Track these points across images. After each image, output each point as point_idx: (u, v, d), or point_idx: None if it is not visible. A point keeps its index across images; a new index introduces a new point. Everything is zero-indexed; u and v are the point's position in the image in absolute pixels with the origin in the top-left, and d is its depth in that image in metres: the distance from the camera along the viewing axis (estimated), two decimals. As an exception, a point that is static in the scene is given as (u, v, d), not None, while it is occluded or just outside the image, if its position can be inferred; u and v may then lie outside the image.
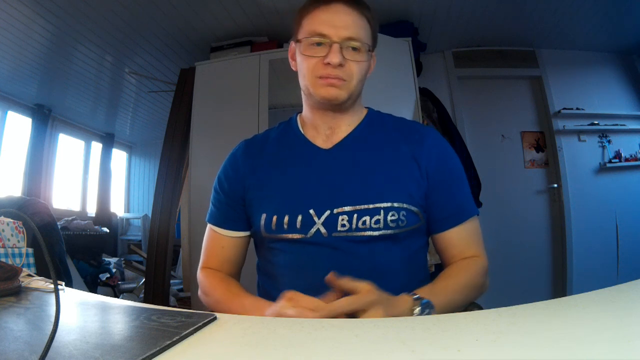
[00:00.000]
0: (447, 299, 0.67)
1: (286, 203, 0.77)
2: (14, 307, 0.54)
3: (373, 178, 0.76)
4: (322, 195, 0.76)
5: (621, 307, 0.46)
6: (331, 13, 0.76)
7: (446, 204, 0.78)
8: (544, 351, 0.35)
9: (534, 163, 3.08)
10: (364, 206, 0.74)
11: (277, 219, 0.76)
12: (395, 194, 0.74)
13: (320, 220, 0.74)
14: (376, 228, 0.73)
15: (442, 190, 0.78)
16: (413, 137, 0.81)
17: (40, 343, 0.35)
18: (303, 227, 0.75)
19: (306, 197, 0.77)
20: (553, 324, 0.42)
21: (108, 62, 3.18)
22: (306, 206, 0.76)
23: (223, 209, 0.86)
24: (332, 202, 0.75)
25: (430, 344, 0.39)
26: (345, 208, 0.74)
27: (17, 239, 1.43)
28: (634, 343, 0.35)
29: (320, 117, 0.83)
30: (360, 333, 0.43)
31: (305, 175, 0.79)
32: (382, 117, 0.88)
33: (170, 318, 0.48)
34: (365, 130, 0.83)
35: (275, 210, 0.77)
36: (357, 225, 0.73)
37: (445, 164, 0.79)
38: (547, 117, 3.06)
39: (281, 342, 0.42)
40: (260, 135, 0.91)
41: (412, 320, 0.48)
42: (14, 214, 0.35)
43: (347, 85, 0.77)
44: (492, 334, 0.40)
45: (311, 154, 0.82)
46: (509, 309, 0.47)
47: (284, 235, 0.76)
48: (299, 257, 0.76)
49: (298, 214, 0.75)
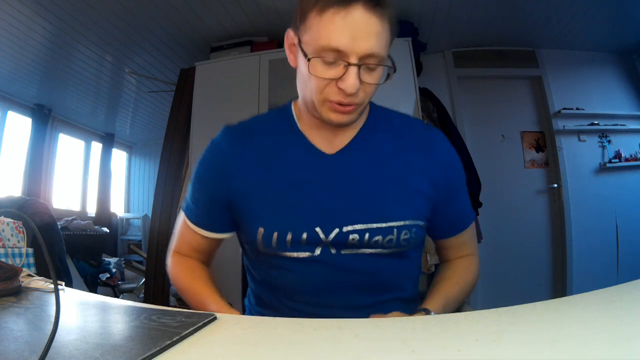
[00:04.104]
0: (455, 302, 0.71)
1: (288, 218, 0.69)
2: (14, 307, 0.54)
3: (385, 193, 0.70)
4: (330, 211, 0.69)
5: (621, 307, 0.46)
6: (349, 19, 0.59)
7: (451, 214, 0.77)
8: (544, 351, 0.35)
9: (534, 163, 3.08)
10: (376, 225, 0.68)
11: (278, 236, 0.69)
12: (407, 211, 0.70)
13: (328, 238, 0.68)
14: (388, 246, 0.69)
15: (448, 202, 0.76)
16: (422, 145, 0.75)
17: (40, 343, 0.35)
18: (308, 245, 0.69)
19: (311, 212, 0.69)
20: (553, 324, 0.42)
21: (108, 62, 3.18)
22: (312, 223, 0.68)
23: (201, 209, 0.77)
24: (341, 219, 0.68)
25: (430, 344, 0.39)
26: (356, 226, 0.68)
27: (17, 239, 1.43)
28: (634, 343, 0.35)
29: (322, 124, 0.72)
30: (360, 333, 0.43)
31: (309, 185, 0.71)
32: (386, 115, 0.79)
33: (170, 318, 0.48)
34: (370, 133, 0.75)
35: (276, 225, 0.69)
36: (369, 243, 0.68)
37: (453, 177, 0.77)
38: (547, 117, 3.06)
39: (281, 342, 0.42)
40: (248, 124, 0.78)
41: (412, 320, 0.48)
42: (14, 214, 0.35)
43: (359, 108, 0.68)
44: (492, 334, 0.40)
45: (313, 159, 0.72)
46: (509, 309, 0.47)
47: (286, 253, 0.69)
48: (304, 276, 0.70)
49: (303, 231, 0.68)
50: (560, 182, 2.94)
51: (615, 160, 2.96)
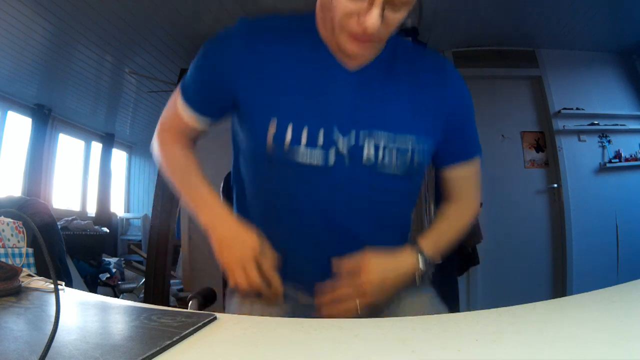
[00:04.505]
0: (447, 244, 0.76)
1: (306, 110, 0.66)
2: (14, 307, 0.54)
3: (401, 110, 0.71)
4: (348, 116, 0.67)
5: (621, 307, 0.46)
6: None
7: (459, 141, 0.78)
8: (544, 351, 0.35)
9: (534, 163, 3.08)
10: (390, 136, 0.68)
11: (293, 129, 0.65)
12: (422, 129, 0.71)
13: (345, 140, 0.66)
14: (400, 164, 0.69)
15: (459, 130, 0.77)
16: (438, 73, 0.75)
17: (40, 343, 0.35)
18: (323, 149, 0.66)
19: (330, 110, 0.66)
20: (553, 324, 0.42)
21: (108, 62, 3.19)
22: (329, 119, 0.66)
23: (199, 91, 0.74)
24: (359, 122, 0.67)
25: (430, 344, 0.39)
26: (371, 136, 0.67)
27: (17, 239, 1.43)
28: (634, 343, 0.35)
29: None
30: (360, 333, 0.43)
31: (327, 92, 0.68)
32: (404, 42, 0.78)
33: (170, 318, 0.48)
34: (391, 56, 0.73)
35: (291, 115, 0.65)
36: (383, 161, 0.68)
37: (464, 107, 0.79)
38: (547, 117, 3.06)
39: (281, 342, 0.42)
40: (266, 21, 0.74)
41: (412, 320, 0.48)
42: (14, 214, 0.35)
43: (377, 45, 0.67)
44: (492, 334, 0.40)
45: (335, 71, 0.69)
46: (509, 309, 0.47)
47: (299, 151, 0.66)
48: (314, 188, 0.68)
49: (320, 126, 0.65)
50: (560, 182, 2.94)
51: (615, 160, 2.96)
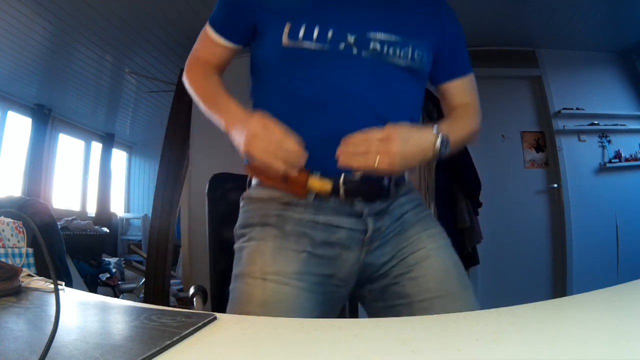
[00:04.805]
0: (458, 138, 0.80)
1: (318, 15, 0.77)
2: (14, 307, 0.54)
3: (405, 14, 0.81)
4: (355, 17, 0.77)
5: (621, 307, 0.46)
6: None
7: (454, 57, 0.88)
8: (544, 351, 0.35)
9: (534, 163, 3.08)
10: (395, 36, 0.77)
11: (306, 28, 0.75)
12: (423, 34, 0.81)
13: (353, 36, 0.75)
14: (403, 57, 0.77)
15: (453, 48, 0.87)
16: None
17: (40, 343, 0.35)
18: (333, 41, 0.75)
19: (339, 10, 0.78)
20: (553, 324, 0.42)
21: (108, 62, 3.19)
22: (339, 21, 0.76)
23: (225, 17, 0.85)
24: (366, 24, 0.77)
25: (430, 344, 0.39)
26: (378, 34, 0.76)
27: (17, 239, 1.43)
28: (634, 343, 0.35)
29: None
30: (360, 333, 0.43)
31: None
32: None
33: (170, 318, 0.48)
34: None
35: (304, 19, 0.76)
36: (387, 51, 0.76)
37: (457, 25, 0.89)
38: (547, 117, 3.06)
39: (281, 342, 0.42)
40: None
41: (412, 320, 0.48)
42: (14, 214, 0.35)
43: None
44: (492, 334, 0.40)
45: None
46: (509, 309, 0.47)
47: (311, 44, 0.75)
48: (326, 72, 0.76)
49: (329, 27, 0.75)
50: (560, 182, 2.94)
51: (615, 160, 2.96)
